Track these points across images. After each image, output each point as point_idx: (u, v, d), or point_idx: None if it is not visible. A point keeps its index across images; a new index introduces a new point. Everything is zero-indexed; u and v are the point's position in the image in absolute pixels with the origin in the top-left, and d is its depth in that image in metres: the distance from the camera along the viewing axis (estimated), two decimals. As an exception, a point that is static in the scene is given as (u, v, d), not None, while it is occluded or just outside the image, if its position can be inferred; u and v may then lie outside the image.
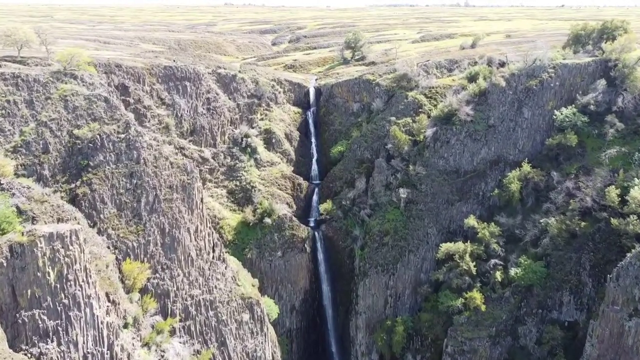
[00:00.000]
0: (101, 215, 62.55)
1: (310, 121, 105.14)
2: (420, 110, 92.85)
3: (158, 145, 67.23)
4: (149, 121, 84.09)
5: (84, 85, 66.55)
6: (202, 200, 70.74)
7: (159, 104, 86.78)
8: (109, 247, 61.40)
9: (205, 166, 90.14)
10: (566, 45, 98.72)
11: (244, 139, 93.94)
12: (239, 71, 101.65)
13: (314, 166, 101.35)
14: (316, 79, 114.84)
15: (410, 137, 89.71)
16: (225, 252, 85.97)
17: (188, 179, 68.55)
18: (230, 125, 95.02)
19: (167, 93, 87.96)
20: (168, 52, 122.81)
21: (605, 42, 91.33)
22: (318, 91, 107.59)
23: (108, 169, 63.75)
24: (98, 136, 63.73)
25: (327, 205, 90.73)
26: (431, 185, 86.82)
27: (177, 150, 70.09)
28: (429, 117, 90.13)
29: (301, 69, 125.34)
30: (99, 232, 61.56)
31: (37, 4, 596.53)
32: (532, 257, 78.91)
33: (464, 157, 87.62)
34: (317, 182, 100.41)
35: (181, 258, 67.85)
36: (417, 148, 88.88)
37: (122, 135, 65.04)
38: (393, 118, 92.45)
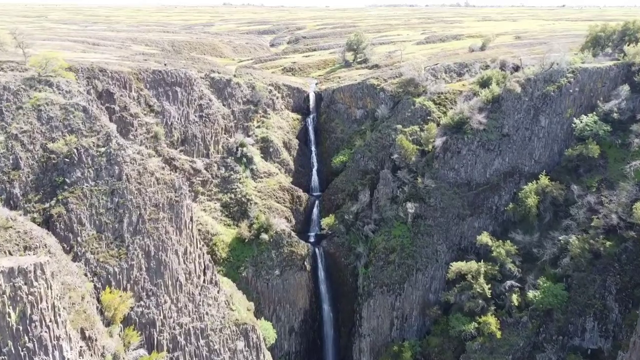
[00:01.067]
0: (78, 238, 56.27)
1: (310, 128, 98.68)
2: (428, 117, 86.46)
3: (142, 160, 60.86)
4: (135, 130, 77.78)
5: (60, 93, 60.20)
6: (191, 219, 64.39)
7: (147, 111, 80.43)
8: (86, 275, 55.12)
9: (198, 178, 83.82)
10: (584, 47, 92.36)
11: (239, 148, 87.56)
12: (234, 75, 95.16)
13: (314, 177, 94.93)
14: (316, 83, 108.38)
15: (418, 147, 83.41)
16: (219, 271, 79.97)
17: (176, 196, 62.24)
18: (225, 134, 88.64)
19: (156, 99, 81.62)
20: (161, 55, 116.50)
21: (628, 45, 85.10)
22: (318, 96, 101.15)
23: (86, 186, 57.46)
24: (75, 150, 57.42)
25: (329, 219, 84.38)
26: (441, 198, 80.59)
27: (164, 165, 63.58)
28: (438, 125, 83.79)
29: (300, 72, 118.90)
30: (76, 257, 55.28)
31: (34, 3, 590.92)
32: (551, 278, 72.85)
33: (476, 169, 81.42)
34: (318, 193, 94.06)
35: (168, 283, 61.58)
36: (426, 159, 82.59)
37: (102, 149, 58.72)
38: (399, 126, 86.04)
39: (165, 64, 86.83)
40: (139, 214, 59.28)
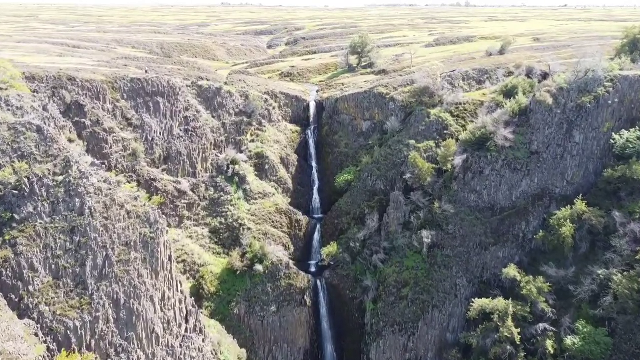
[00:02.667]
0: (30, 287, 45.97)
1: (311, 142, 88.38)
2: (445, 132, 76.24)
3: (110, 190, 50.61)
4: (110, 147, 67.67)
5: (9, 110, 49.96)
6: (170, 259, 54.19)
7: (124, 125, 70.28)
8: (37, 334, 44.88)
9: (183, 200, 73.69)
10: (620, 52, 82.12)
11: (231, 165, 77.45)
12: (225, 83, 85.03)
13: (315, 197, 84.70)
14: (317, 91, 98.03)
15: (434, 166, 73.31)
16: (207, 307, 70.11)
17: (151, 232, 51.99)
18: (214, 149, 78.47)
19: (134, 112, 71.47)
20: (146, 59, 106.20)
21: (674, 49, 75.17)
22: (320, 106, 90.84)
23: (40, 223, 47.21)
24: (26, 179, 47.16)
25: (331, 248, 74.23)
26: (460, 225, 70.53)
27: (138, 195, 53.12)
28: (457, 141, 73.56)
29: (299, 77, 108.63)
30: (25, 312, 45.02)
31: (28, 3, 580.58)
32: (590, 320, 62.66)
33: (501, 191, 71.34)
34: (319, 216, 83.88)
35: (142, 336, 51.28)
36: (443, 179, 72.50)
37: (60, 178, 48.45)
38: (412, 141, 75.83)
39: (146, 71, 76.60)
40: (105, 255, 49.07)
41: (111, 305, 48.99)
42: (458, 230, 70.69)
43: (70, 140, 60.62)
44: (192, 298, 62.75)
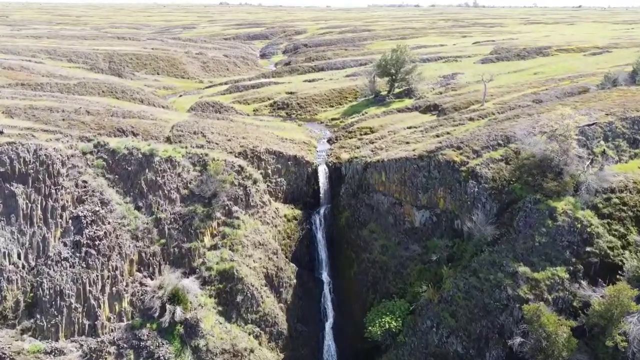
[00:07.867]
0: None
1: (320, 237, 50.92)
2: (587, 249, 38.84)
3: None
4: None
5: None
6: None
7: None
8: None
9: (67, 388, 36.57)
10: None
11: (169, 305, 40.32)
12: (168, 138, 47.80)
13: (329, 344, 47.51)
14: (329, 141, 60.57)
15: (571, 323, 36.07)
16: None
17: None
18: (138, 272, 41.46)
19: (-43, 217, 34.52)
20: (59, 86, 69.42)
21: None
22: (335, 172, 53.24)
23: None
24: None
25: None
26: None
27: None
28: (627, 279, 36.15)
29: (300, 111, 71.55)
30: None
31: (15, 1, 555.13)
32: None
33: None
34: (336, 380, 46.88)
35: None
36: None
37: None
38: (523, 268, 38.37)
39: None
40: None
41: None
42: None
43: None
44: None
